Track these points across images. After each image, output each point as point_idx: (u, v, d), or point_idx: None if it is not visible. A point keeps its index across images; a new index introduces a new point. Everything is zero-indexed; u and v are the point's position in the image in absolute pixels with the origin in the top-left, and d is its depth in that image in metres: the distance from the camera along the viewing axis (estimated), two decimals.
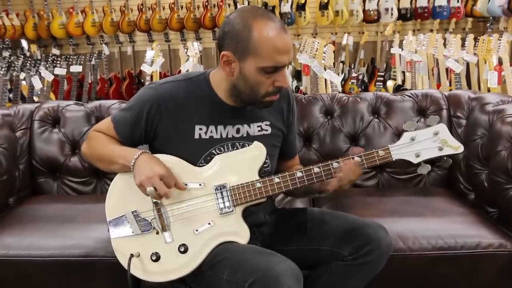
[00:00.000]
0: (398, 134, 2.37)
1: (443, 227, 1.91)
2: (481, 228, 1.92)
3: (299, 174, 1.59)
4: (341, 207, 2.02)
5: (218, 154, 1.65)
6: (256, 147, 1.65)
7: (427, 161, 1.58)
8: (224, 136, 1.67)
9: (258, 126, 1.72)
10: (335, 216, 1.72)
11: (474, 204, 2.18)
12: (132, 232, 1.62)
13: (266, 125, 1.73)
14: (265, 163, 1.66)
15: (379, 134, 2.39)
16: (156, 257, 1.58)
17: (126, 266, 1.58)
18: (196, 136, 1.65)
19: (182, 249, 1.57)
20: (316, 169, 1.59)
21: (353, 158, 1.59)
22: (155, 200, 1.57)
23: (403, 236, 1.85)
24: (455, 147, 1.56)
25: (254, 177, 1.61)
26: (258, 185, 1.59)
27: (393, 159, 1.58)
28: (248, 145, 1.67)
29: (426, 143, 1.56)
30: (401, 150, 1.57)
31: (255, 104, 1.63)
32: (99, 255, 1.82)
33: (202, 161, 1.64)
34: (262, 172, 1.66)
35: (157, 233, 1.60)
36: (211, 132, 1.66)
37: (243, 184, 1.59)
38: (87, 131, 2.40)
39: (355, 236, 1.60)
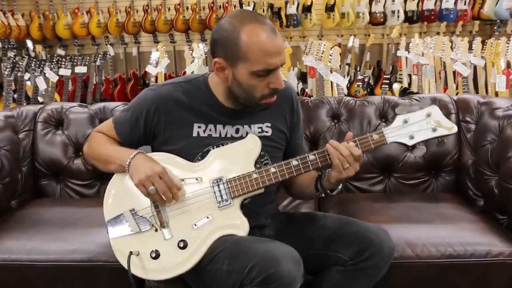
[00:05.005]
0: None
1: (452, 234, 1.87)
2: (491, 235, 1.88)
3: (294, 162, 1.58)
4: (347, 213, 1.97)
5: None
6: (251, 139, 1.64)
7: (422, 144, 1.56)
8: (223, 135, 1.68)
9: (258, 127, 1.72)
10: (337, 220, 1.69)
11: (483, 210, 2.14)
12: (131, 230, 1.61)
13: (267, 126, 1.73)
14: (262, 156, 1.66)
15: None
16: (156, 255, 1.56)
17: (125, 266, 1.56)
18: (195, 134, 1.67)
19: (182, 245, 1.56)
20: (311, 157, 1.57)
21: (347, 143, 1.56)
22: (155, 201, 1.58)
23: (411, 243, 1.82)
24: (449, 127, 1.54)
25: (250, 169, 1.60)
26: (254, 176, 1.58)
27: (388, 142, 1.56)
28: None
29: (419, 125, 1.55)
30: (395, 133, 1.55)
31: (253, 107, 1.64)
32: (101, 260, 1.79)
33: (199, 158, 1.65)
34: (260, 165, 1.65)
35: (156, 230, 1.60)
36: (210, 130, 1.67)
37: (239, 176, 1.58)
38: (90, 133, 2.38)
39: (356, 240, 1.58)
